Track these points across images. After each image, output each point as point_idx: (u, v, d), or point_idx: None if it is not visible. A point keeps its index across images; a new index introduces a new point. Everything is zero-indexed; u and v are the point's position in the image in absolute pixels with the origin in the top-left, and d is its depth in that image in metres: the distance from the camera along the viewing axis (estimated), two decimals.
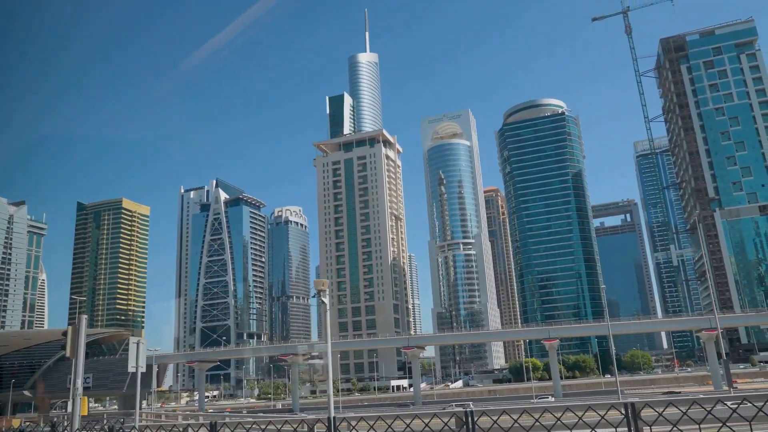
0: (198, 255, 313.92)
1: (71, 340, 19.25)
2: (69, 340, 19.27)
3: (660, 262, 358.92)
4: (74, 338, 19.24)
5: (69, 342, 19.23)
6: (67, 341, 19.32)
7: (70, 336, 19.40)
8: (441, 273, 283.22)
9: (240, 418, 50.70)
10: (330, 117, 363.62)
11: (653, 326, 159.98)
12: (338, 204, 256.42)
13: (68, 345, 19.13)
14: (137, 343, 22.87)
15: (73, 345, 19.06)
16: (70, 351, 18.99)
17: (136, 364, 22.98)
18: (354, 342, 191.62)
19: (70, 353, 18.94)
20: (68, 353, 18.95)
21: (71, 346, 19.06)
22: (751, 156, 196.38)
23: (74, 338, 19.24)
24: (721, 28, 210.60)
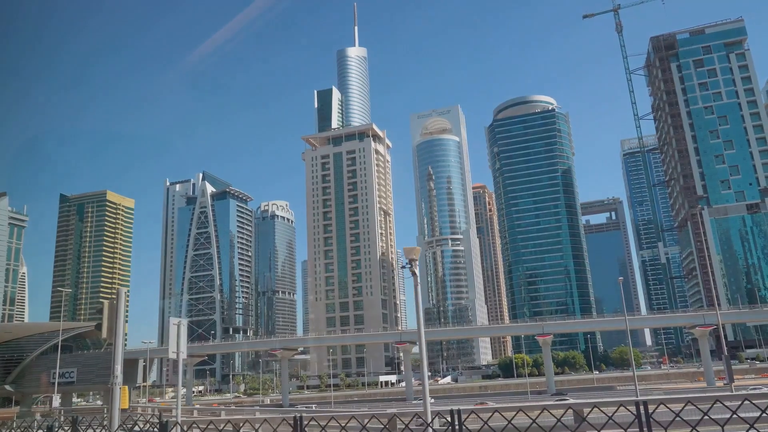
0: (183, 249, 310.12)
1: (108, 317, 16.21)
2: (105, 318, 16.20)
3: (645, 260, 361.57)
4: (112, 315, 16.19)
5: (105, 320, 16.17)
6: (103, 319, 16.24)
7: (107, 312, 16.28)
8: (429, 269, 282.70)
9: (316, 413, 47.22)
10: (318, 111, 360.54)
11: (645, 323, 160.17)
12: (327, 198, 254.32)
13: (104, 324, 16.10)
14: (178, 325, 19.63)
15: (111, 324, 16.08)
16: (106, 331, 16.02)
17: (177, 349, 19.83)
18: (347, 337, 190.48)
19: (107, 333, 15.97)
20: (104, 333, 15.99)
21: (108, 326, 16.09)
22: (739, 155, 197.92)
23: (112, 315, 16.19)
24: (711, 28, 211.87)
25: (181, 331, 19.01)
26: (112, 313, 16.38)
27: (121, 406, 15.28)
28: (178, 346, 18.93)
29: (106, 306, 16.49)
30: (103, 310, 16.45)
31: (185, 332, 19.21)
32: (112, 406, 14.80)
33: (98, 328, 16.31)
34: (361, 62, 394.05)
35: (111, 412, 14.52)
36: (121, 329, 15.65)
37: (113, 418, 14.30)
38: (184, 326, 19.10)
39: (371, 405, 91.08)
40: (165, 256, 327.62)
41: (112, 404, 14.84)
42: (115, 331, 15.84)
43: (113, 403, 14.87)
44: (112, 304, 16.34)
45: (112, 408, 14.68)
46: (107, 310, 16.44)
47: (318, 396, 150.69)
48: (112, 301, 16.35)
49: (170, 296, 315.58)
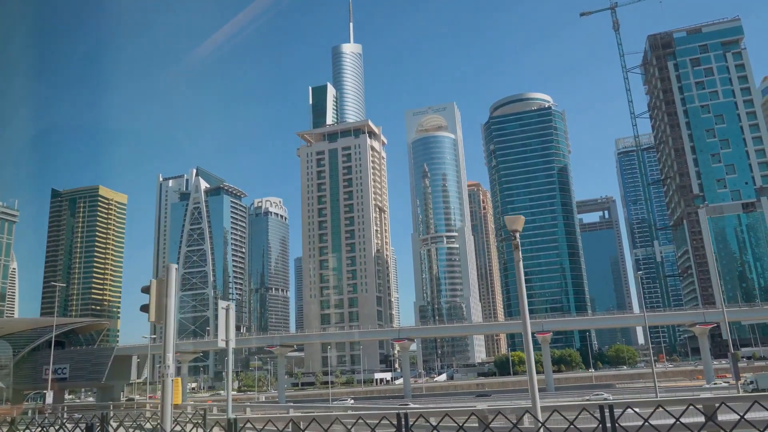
0: (177, 245, 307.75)
1: (156, 297, 13.90)
2: (153, 298, 13.88)
3: (639, 259, 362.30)
4: (161, 295, 13.90)
5: (153, 300, 13.86)
6: (150, 300, 13.91)
7: (155, 291, 13.96)
8: (424, 266, 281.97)
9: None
10: (313, 107, 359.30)
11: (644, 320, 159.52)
12: (322, 194, 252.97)
13: (152, 305, 13.82)
14: (227, 309, 17.38)
15: (160, 305, 13.81)
16: (155, 313, 13.80)
17: (226, 336, 17.54)
18: (346, 333, 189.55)
19: (155, 316, 13.86)
20: (152, 317, 13.91)
21: (156, 307, 13.83)
22: (735, 154, 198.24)
23: (161, 295, 13.90)
24: (708, 27, 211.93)
25: (230, 316, 17.30)
26: (162, 292, 14.10)
27: (174, 402, 13.27)
28: (228, 333, 17.13)
29: (154, 284, 14.21)
30: (150, 288, 14.16)
31: (233, 317, 17.54)
32: (164, 401, 12.82)
33: (144, 309, 14.18)
34: (356, 59, 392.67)
35: (163, 409, 12.58)
36: (172, 311, 13.63)
37: (165, 415, 12.41)
38: (233, 310, 17.32)
39: (373, 402, 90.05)
40: (157, 252, 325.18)
41: (163, 399, 12.87)
42: (166, 313, 13.77)
43: (164, 398, 12.90)
44: (161, 281, 14.22)
45: (164, 404, 12.70)
46: (155, 289, 14.15)
47: (315, 393, 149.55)
48: (160, 278, 14.28)
49: None
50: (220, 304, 17.22)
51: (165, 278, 14.25)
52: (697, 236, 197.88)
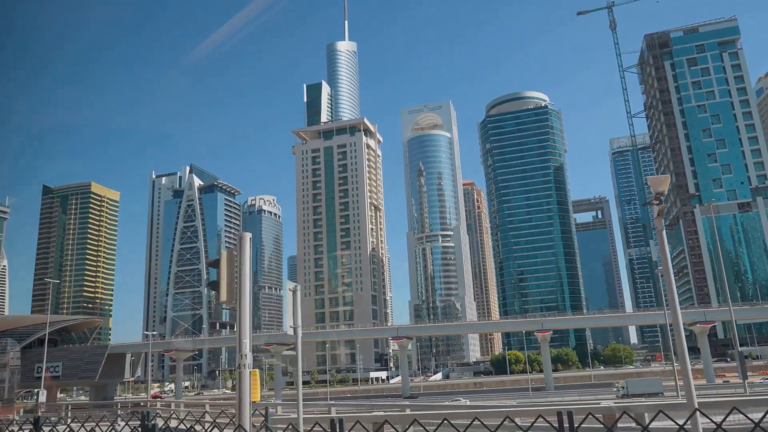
0: (170, 242, 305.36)
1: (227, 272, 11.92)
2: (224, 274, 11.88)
3: (633, 258, 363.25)
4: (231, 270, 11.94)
5: (224, 277, 11.85)
6: (220, 276, 11.90)
7: (226, 266, 11.96)
8: (419, 265, 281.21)
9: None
10: (307, 105, 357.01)
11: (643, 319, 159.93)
12: (317, 192, 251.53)
13: (222, 282, 11.85)
14: (294, 290, 15.03)
15: (231, 282, 11.81)
16: (226, 292, 11.90)
17: (293, 323, 15.23)
18: (343, 332, 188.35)
19: (226, 296, 11.97)
20: (222, 296, 12.05)
21: (227, 284, 11.86)
22: (731, 154, 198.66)
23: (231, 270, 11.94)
24: (705, 26, 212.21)
25: (296, 299, 15.27)
26: (232, 267, 12.15)
27: (253, 399, 11.30)
28: (296, 319, 15.01)
29: (224, 257, 12.18)
30: (219, 262, 12.15)
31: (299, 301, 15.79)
32: (241, 397, 10.96)
33: (212, 287, 12.56)
34: (351, 57, 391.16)
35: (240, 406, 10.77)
36: (247, 288, 11.87)
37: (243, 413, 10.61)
38: (299, 294, 15.48)
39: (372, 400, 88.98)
40: (150, 250, 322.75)
41: (240, 394, 11.03)
42: (239, 291, 11.89)
43: (242, 393, 11.02)
44: (231, 255, 12.24)
45: (242, 400, 10.85)
46: (226, 262, 12.10)
47: (310, 392, 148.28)
48: (231, 250, 12.32)
49: (155, 291, 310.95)
50: (287, 285, 15.16)
51: (237, 249, 12.28)
52: (692, 236, 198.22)
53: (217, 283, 12.30)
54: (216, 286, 12.35)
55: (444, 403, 42.95)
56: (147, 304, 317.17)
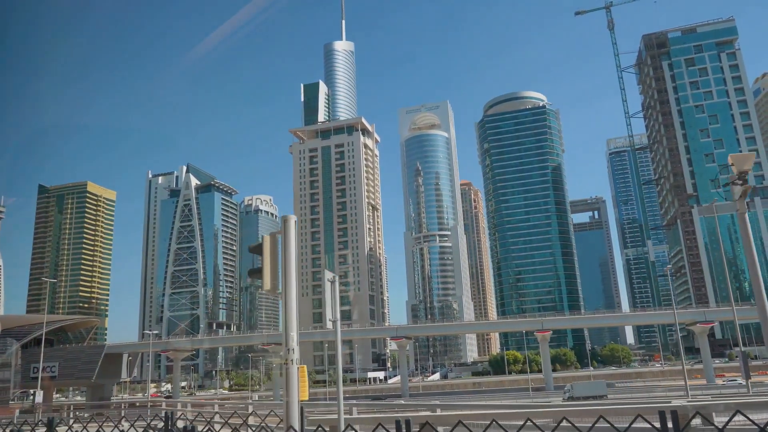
0: (166, 242, 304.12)
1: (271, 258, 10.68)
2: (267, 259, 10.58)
3: (630, 259, 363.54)
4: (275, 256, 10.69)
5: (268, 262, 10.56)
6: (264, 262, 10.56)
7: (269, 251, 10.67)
8: (416, 265, 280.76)
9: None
10: (304, 105, 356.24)
11: (643, 319, 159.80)
12: (314, 192, 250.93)
13: (265, 269, 10.64)
14: (332, 281, 13.49)
15: (275, 268, 10.67)
16: (270, 280, 10.74)
17: (333, 315, 13.94)
18: (342, 331, 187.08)
19: (270, 284, 10.79)
20: (266, 284, 10.88)
21: (272, 271, 10.71)
22: (728, 154, 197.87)
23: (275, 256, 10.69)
24: (703, 27, 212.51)
25: (335, 291, 14.45)
26: (275, 252, 10.91)
27: (301, 397, 10.22)
28: (335, 311, 14.06)
29: (267, 242, 10.99)
30: (262, 248, 10.99)
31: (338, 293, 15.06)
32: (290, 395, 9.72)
33: (253, 274, 11.37)
34: (348, 56, 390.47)
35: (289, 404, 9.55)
36: (293, 275, 10.73)
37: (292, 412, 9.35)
38: (337, 285, 14.72)
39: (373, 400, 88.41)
40: (147, 250, 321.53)
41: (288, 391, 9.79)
42: (285, 279, 10.73)
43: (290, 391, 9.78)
44: (274, 239, 11.11)
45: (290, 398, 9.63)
46: (269, 248, 10.94)
47: (311, 393, 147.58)
48: (274, 235, 11.19)
49: (152, 290, 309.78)
50: (326, 275, 14.11)
51: (282, 232, 10.97)
52: (690, 236, 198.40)
53: (259, 271, 11.25)
54: (258, 274, 11.25)
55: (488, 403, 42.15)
56: (143, 304, 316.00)
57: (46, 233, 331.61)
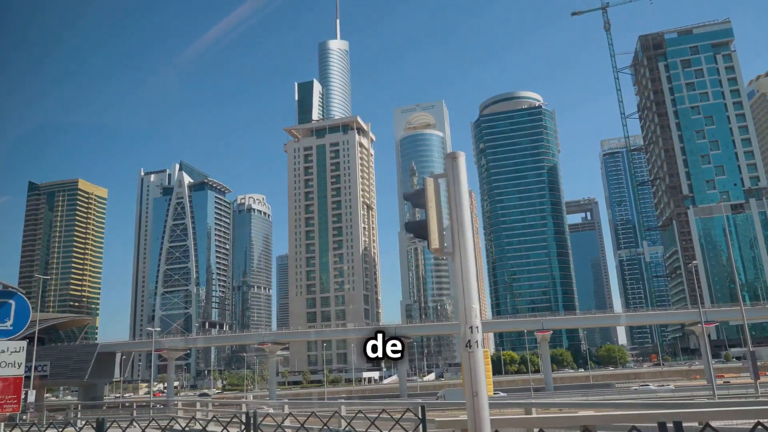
0: (159, 240, 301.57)
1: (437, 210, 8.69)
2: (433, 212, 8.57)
3: (623, 260, 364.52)
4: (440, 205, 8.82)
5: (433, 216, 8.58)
6: (428, 213, 8.54)
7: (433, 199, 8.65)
8: (410, 265, 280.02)
9: None
10: (298, 104, 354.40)
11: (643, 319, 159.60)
12: (309, 191, 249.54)
13: (432, 223, 8.57)
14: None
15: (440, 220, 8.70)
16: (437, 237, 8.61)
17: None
18: (339, 331, 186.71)
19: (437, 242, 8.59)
20: (434, 242, 8.65)
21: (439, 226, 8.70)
22: (724, 155, 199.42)
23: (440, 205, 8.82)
24: (699, 28, 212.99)
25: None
26: (440, 199, 8.75)
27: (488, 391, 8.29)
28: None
29: (430, 186, 8.66)
30: (424, 194, 8.62)
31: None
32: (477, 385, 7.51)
33: (414, 230, 8.84)
34: (343, 55, 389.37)
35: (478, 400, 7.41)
36: (468, 226, 8.41)
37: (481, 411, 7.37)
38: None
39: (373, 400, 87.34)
40: (138, 248, 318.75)
41: (475, 383, 7.54)
42: (459, 234, 8.37)
43: (477, 382, 7.56)
44: (435, 183, 8.73)
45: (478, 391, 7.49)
46: (434, 195, 8.66)
47: (304, 393, 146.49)
48: (437, 177, 8.75)
49: (143, 289, 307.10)
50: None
51: (449, 174, 8.54)
52: (686, 237, 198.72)
53: (421, 225, 8.72)
54: (420, 229, 8.76)
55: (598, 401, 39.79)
56: (134, 303, 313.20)
57: (36, 231, 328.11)
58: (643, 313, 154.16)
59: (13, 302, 9.27)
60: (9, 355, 8.91)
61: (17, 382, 8.88)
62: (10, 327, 9.21)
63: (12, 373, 8.85)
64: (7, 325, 9.18)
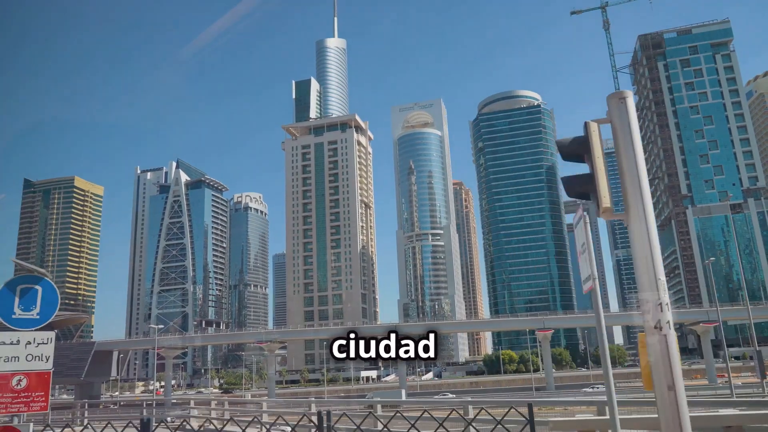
0: (155, 238, 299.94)
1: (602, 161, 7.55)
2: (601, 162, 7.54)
3: (620, 259, 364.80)
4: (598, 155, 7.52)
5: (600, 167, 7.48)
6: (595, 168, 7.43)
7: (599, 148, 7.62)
8: (408, 264, 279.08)
9: None
10: (296, 102, 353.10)
11: (638, 319, 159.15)
12: (307, 189, 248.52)
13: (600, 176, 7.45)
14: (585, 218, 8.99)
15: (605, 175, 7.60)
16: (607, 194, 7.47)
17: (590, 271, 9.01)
18: (340, 329, 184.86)
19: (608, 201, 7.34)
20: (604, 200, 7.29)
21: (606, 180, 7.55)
22: (723, 155, 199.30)
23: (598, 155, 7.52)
24: (698, 28, 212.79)
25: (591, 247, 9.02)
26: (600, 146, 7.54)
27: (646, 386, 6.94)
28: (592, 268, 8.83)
29: (595, 133, 7.57)
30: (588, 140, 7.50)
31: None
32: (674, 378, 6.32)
33: (576, 186, 7.60)
34: (341, 54, 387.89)
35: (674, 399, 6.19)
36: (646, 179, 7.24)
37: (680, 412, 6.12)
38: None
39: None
40: (135, 246, 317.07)
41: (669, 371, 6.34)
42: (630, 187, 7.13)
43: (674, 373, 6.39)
44: (596, 130, 7.60)
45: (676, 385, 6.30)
46: (598, 143, 7.55)
47: (302, 392, 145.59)
48: (598, 124, 7.62)
49: (140, 287, 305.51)
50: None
51: (615, 116, 7.40)
52: (684, 236, 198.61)
53: (585, 180, 7.31)
54: (582, 185, 7.36)
55: None
56: (131, 301, 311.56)
57: (32, 229, 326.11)
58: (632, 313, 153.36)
59: (39, 288, 8.49)
60: (36, 347, 8.14)
61: (45, 377, 8.09)
62: (36, 316, 8.43)
63: (40, 367, 8.07)
64: (33, 314, 8.39)
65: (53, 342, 8.38)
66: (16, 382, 7.88)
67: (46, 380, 8.18)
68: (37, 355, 8.17)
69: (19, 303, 8.42)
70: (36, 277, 8.71)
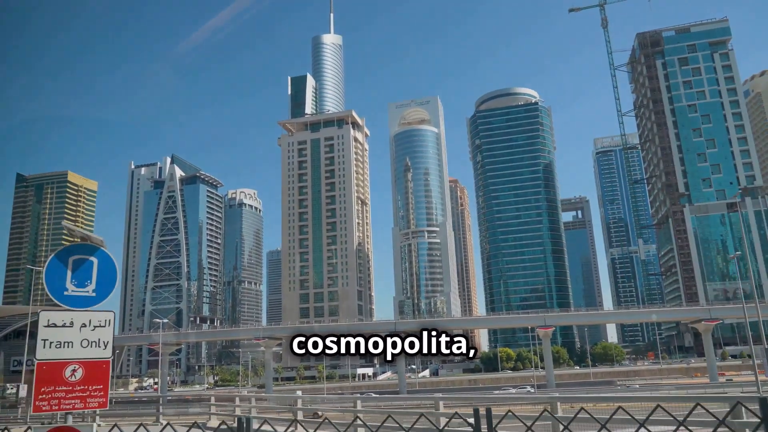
0: (149, 234, 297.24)
1: None
2: None
3: (615, 258, 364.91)
4: None
5: None
6: None
7: None
8: (404, 261, 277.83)
9: None
10: (291, 98, 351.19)
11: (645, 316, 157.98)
12: (303, 185, 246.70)
13: None
14: None
15: None
16: None
17: None
18: (336, 326, 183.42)
19: None
20: None
21: None
22: (720, 154, 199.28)
23: None
24: (697, 26, 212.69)
25: None
26: None
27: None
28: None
29: None
30: None
31: None
32: None
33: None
34: (337, 50, 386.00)
35: None
36: None
37: None
38: None
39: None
40: (128, 242, 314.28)
41: None
42: None
43: None
44: None
45: None
46: None
47: (300, 389, 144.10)
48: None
49: (133, 283, 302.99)
50: None
51: None
52: (682, 235, 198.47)
53: None
54: None
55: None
56: (124, 298, 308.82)
57: (24, 223, 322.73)
58: (646, 310, 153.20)
59: (95, 260, 7.19)
60: (92, 330, 6.87)
61: (104, 367, 6.82)
62: (92, 293, 7.13)
63: (97, 355, 6.82)
64: (89, 291, 7.09)
65: (112, 324, 7.14)
66: (69, 373, 6.66)
67: (105, 371, 6.88)
68: (94, 340, 6.94)
69: (72, 277, 7.14)
70: (91, 246, 7.43)
